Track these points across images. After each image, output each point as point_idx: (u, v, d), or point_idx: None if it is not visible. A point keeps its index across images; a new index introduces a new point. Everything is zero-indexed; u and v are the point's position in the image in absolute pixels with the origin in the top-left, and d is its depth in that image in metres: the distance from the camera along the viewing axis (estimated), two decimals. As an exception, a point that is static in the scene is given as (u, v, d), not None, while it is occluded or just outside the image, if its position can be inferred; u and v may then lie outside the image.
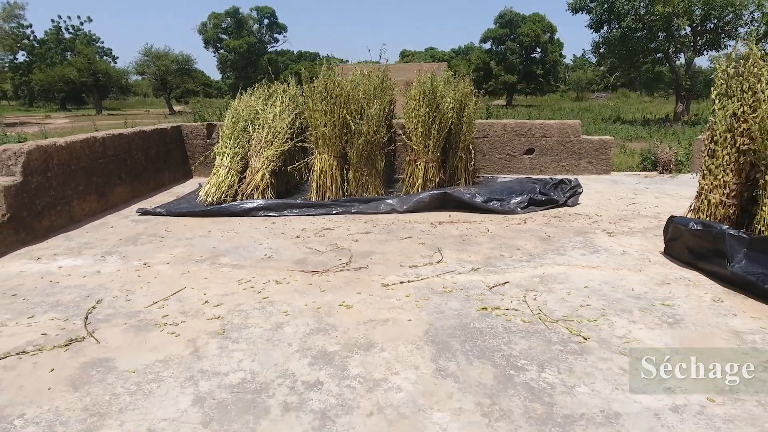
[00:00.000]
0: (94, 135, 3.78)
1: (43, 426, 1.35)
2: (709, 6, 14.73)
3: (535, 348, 1.75)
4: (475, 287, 2.31)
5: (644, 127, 14.29)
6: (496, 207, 3.82)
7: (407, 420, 1.37)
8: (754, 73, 2.39)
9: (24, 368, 1.65)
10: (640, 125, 15.02)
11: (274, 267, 2.62)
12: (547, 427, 1.34)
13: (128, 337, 1.86)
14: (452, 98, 4.45)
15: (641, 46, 16.08)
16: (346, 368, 1.64)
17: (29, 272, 2.56)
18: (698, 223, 2.40)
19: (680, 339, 1.82)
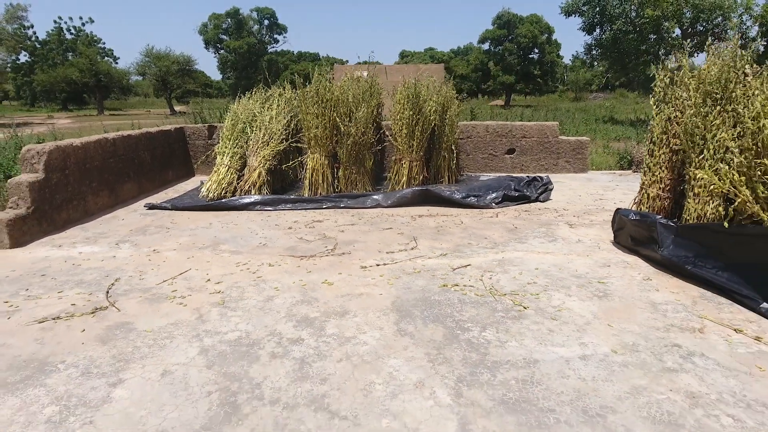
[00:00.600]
0: (106, 136, 4.14)
1: (81, 368, 1.72)
2: (697, 9, 15.08)
3: (482, 315, 2.12)
4: (441, 269, 2.67)
5: (634, 128, 14.64)
6: (472, 202, 4.19)
7: (368, 365, 1.73)
8: (684, 82, 2.75)
9: (60, 329, 2.01)
10: (630, 125, 15.36)
11: (268, 253, 2.98)
12: (477, 369, 1.70)
13: (144, 306, 2.22)
14: (435, 102, 4.81)
15: (632, 49, 16.43)
16: (324, 329, 2.00)
17: (53, 257, 2.92)
18: (637, 213, 2.76)
19: (605, 309, 2.18)
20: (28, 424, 1.43)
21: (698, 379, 1.63)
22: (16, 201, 3.19)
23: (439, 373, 1.67)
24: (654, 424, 1.41)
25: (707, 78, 2.55)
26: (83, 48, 35.78)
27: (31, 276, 2.61)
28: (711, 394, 1.55)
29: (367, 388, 1.58)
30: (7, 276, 2.61)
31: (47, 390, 1.59)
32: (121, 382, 1.63)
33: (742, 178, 2.13)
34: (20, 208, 3.17)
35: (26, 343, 1.90)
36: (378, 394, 1.55)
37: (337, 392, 1.56)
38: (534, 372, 1.68)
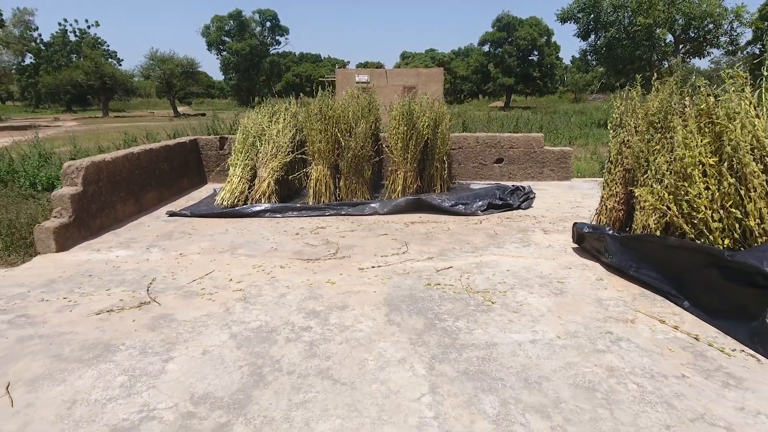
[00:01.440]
0: (132, 150, 4.62)
1: (139, 349, 2.19)
2: (688, 17, 15.52)
3: (457, 308, 2.59)
4: (427, 270, 3.14)
5: (627, 132, 15.05)
6: (460, 210, 4.66)
7: (363, 346, 2.20)
8: (635, 111, 3.21)
9: (114, 319, 2.49)
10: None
11: (279, 256, 3.45)
12: (448, 350, 2.17)
13: (179, 301, 2.70)
14: (428, 117, 5.27)
15: (626, 54, 16.88)
16: (328, 319, 2.47)
17: (95, 260, 3.40)
18: (589, 227, 3.23)
19: (559, 304, 2.65)
20: (107, 387, 1.90)
21: (619, 358, 2.10)
22: (60, 211, 3.67)
23: (418, 352, 2.14)
24: (576, 389, 1.88)
25: (650, 109, 3.01)
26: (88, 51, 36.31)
27: (80, 276, 3.09)
28: (626, 368, 2.02)
29: (361, 363, 2.06)
30: (60, 276, 3.09)
31: (115, 364, 2.07)
32: (171, 359, 2.10)
33: (670, 196, 2.59)
34: (63, 216, 3.65)
35: (90, 331, 2.37)
36: (370, 367, 2.02)
37: (338, 366, 2.04)
38: (492, 352, 2.15)
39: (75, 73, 33.39)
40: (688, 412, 1.74)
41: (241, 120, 5.69)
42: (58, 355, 2.15)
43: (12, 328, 2.40)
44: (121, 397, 1.84)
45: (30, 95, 48.47)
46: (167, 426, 1.67)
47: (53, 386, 1.92)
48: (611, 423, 1.68)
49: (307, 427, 1.66)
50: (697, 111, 2.61)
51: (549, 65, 42.61)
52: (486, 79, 47.39)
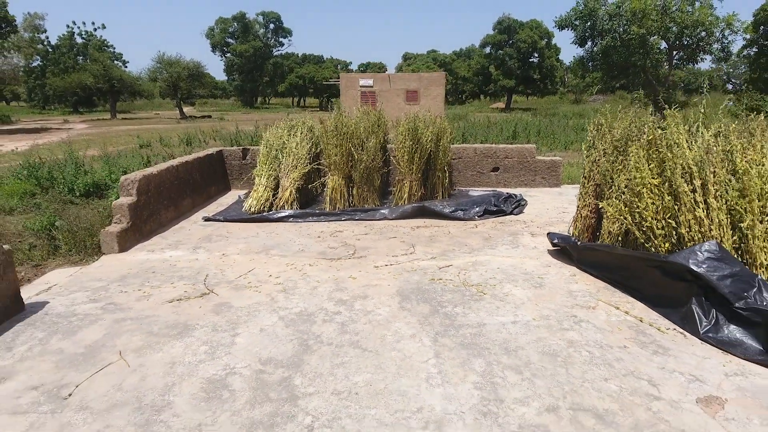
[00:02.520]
0: (172, 163, 5.29)
1: (210, 328, 2.85)
2: (681, 26, 16.13)
3: (455, 298, 3.24)
4: (431, 268, 3.80)
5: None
6: (459, 215, 5.31)
7: (382, 326, 2.86)
8: (603, 133, 3.86)
9: (184, 306, 3.15)
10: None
11: (307, 256, 4.11)
12: (448, 328, 2.82)
13: (232, 293, 3.36)
14: (431, 132, 5.92)
15: (621, 61, 17.51)
16: (353, 306, 3.12)
17: (153, 259, 4.06)
18: (558, 236, 3.89)
19: (537, 294, 3.30)
20: (194, 354, 2.56)
21: (578, 334, 2.75)
22: (119, 217, 4.33)
23: (425, 330, 2.80)
24: (543, 355, 2.53)
25: (614, 135, 3.66)
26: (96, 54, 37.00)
27: (145, 273, 3.75)
28: (582, 341, 2.67)
29: (382, 338, 2.71)
30: (128, 273, 3.75)
31: (196, 338, 2.72)
32: (237, 335, 2.76)
33: (626, 208, 3.24)
34: (122, 222, 4.31)
35: (168, 314, 3.03)
36: (389, 340, 2.68)
37: (365, 339, 2.69)
38: (481, 330, 2.80)
39: (84, 77, 34.06)
40: (622, 370, 2.39)
41: (262, 134, 6.35)
42: (150, 331, 2.81)
43: (106, 312, 3.06)
44: (208, 360, 2.50)
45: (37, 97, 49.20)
46: (246, 378, 2.33)
47: (154, 353, 2.57)
48: (565, 377, 2.33)
49: (346, 379, 2.32)
50: (646, 141, 3.25)
51: (549, 67, 43.15)
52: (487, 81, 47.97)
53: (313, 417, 2.05)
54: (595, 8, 16.77)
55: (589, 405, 2.12)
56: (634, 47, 16.32)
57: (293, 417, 2.05)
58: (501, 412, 2.07)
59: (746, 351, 2.50)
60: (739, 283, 2.63)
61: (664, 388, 2.24)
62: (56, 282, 3.60)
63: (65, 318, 2.98)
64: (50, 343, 2.69)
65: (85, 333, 2.79)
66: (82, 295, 3.33)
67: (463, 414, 2.06)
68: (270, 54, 58.45)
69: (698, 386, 2.25)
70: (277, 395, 2.20)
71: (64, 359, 2.52)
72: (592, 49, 18.04)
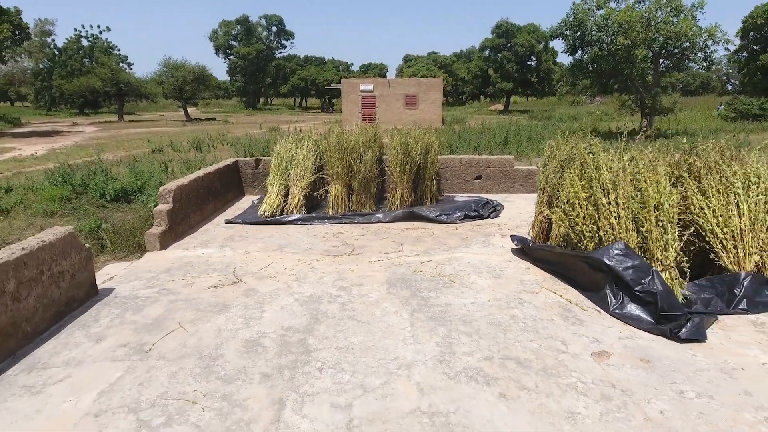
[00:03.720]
0: (198, 174, 6.20)
1: (243, 307, 3.76)
2: (665, 36, 17.00)
3: (431, 285, 4.15)
4: (414, 262, 4.71)
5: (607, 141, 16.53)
6: (443, 219, 6.21)
7: (373, 305, 3.77)
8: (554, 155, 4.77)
9: (220, 291, 4.06)
10: (604, 138, 17.26)
11: (314, 253, 5.02)
12: (423, 307, 3.73)
13: (256, 282, 4.27)
14: (420, 146, 6.83)
15: (609, 70, 18.38)
16: (351, 291, 4.04)
17: (188, 255, 4.97)
18: (518, 238, 4.79)
19: (495, 283, 4.21)
20: (234, 324, 3.47)
21: (520, 311, 3.66)
22: (159, 221, 5.25)
23: (405, 308, 3.71)
24: (489, 325, 3.44)
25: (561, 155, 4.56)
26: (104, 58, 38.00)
27: (184, 267, 4.67)
28: (521, 316, 3.58)
29: (372, 313, 3.62)
30: (171, 266, 4.67)
31: (233, 314, 3.64)
32: (264, 311, 3.68)
33: (566, 216, 4.14)
34: (162, 225, 5.23)
35: (209, 297, 3.95)
36: (377, 315, 3.59)
37: (359, 314, 3.60)
38: (447, 308, 3.71)
39: (92, 80, 35.05)
40: (545, 335, 3.30)
41: (273, 147, 7.27)
42: (198, 309, 3.72)
43: (161, 295, 3.98)
44: (244, 328, 3.41)
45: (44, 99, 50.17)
46: (274, 339, 3.24)
47: (204, 323, 3.49)
48: (502, 339, 3.24)
49: (345, 340, 3.23)
50: (579, 164, 4.15)
51: (546, 70, 44.02)
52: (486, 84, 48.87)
53: (322, 363, 2.96)
54: (584, 20, 17.64)
55: (514, 356, 3.03)
56: (620, 57, 17.20)
57: (308, 362, 2.96)
58: (452, 360, 2.98)
59: (640, 323, 3.41)
60: (638, 273, 3.54)
61: (571, 346, 3.15)
62: (115, 273, 4.52)
63: (131, 299, 3.90)
64: (125, 316, 3.61)
65: (149, 310, 3.71)
66: (139, 283, 4.26)
67: (426, 361, 2.97)
68: (272, 56, 59.38)
69: (596, 345, 3.16)
70: (296, 350, 3.11)
71: (138, 327, 3.44)
72: (582, 57, 18.91)
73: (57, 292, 3.48)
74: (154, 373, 2.86)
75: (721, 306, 3.61)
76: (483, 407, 2.53)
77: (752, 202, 3.80)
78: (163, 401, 2.59)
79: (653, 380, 2.76)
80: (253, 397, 2.62)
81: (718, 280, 3.78)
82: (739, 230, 3.78)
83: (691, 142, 4.84)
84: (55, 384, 2.77)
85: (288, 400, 2.59)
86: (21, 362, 2.99)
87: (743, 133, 20.23)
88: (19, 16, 24.68)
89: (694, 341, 3.18)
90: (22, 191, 8.80)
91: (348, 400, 2.59)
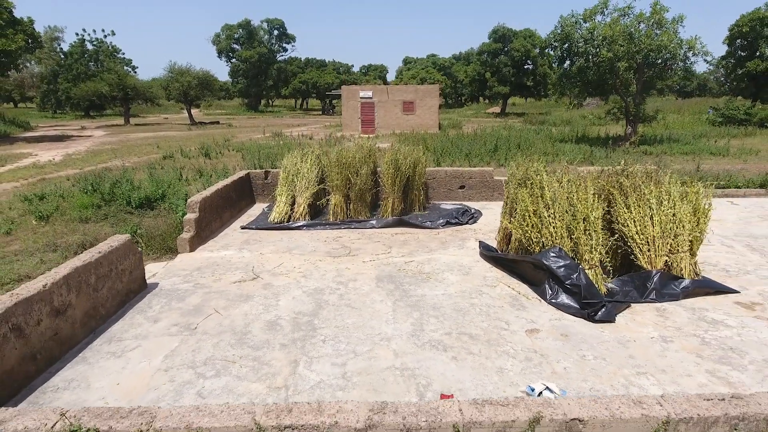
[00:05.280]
0: (218, 186, 7.24)
1: (263, 297, 4.80)
2: (647, 50, 17.99)
3: (411, 280, 5.18)
4: (400, 263, 5.74)
5: (592, 147, 17.53)
6: (428, 225, 7.25)
7: (364, 295, 4.81)
8: (514, 176, 5.80)
9: (244, 285, 5.10)
10: (589, 144, 18.27)
11: (317, 254, 6.06)
12: (403, 297, 4.76)
13: (272, 278, 5.31)
14: (409, 162, 7.86)
15: (595, 80, 19.39)
16: (347, 285, 5.07)
17: (214, 257, 6.01)
18: (483, 244, 5.83)
19: (463, 278, 5.24)
20: (256, 309, 4.51)
21: (478, 300, 4.69)
22: (188, 228, 6.28)
23: (389, 298, 4.74)
24: (453, 310, 4.47)
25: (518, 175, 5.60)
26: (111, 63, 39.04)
27: (212, 266, 5.70)
28: (479, 303, 4.61)
29: (363, 301, 4.66)
30: (200, 265, 5.71)
31: (255, 302, 4.68)
32: (279, 300, 4.71)
33: (519, 225, 5.17)
34: (190, 231, 6.27)
35: (235, 290, 4.99)
36: (367, 303, 4.62)
37: (354, 302, 4.64)
38: (423, 298, 4.75)
39: (100, 85, 36.09)
40: (495, 317, 4.33)
41: (281, 162, 8.30)
42: (227, 298, 4.76)
43: (197, 288, 5.02)
44: (265, 312, 4.45)
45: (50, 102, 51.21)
46: (288, 321, 4.28)
47: (233, 309, 4.53)
48: (461, 320, 4.27)
49: (342, 321, 4.26)
50: (530, 183, 5.19)
51: (542, 75, 44.98)
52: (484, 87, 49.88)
53: (324, 336, 4.00)
54: (571, 32, 18.65)
55: (468, 332, 4.06)
56: (604, 69, 18.21)
57: (314, 336, 4.00)
58: (421, 335, 4.02)
59: (569, 309, 4.44)
60: (568, 270, 4.58)
61: (512, 325, 4.18)
62: (156, 271, 5.56)
63: (173, 291, 4.95)
64: (171, 304, 4.65)
65: (189, 299, 4.75)
66: (177, 279, 5.30)
67: (402, 335, 4.00)
68: (274, 59, 60.36)
69: (531, 324, 4.20)
70: (305, 328, 4.15)
71: (183, 312, 4.48)
72: (570, 68, 19.92)
73: (120, 284, 4.52)
74: (201, 344, 3.90)
75: (635, 296, 4.65)
76: (439, 365, 3.56)
77: (663, 215, 4.84)
78: (211, 361, 3.63)
79: (566, 348, 3.80)
80: (276, 359, 3.66)
81: (635, 276, 4.82)
82: (652, 237, 4.82)
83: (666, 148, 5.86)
84: (131, 351, 3.81)
85: (301, 361, 3.63)
86: (101, 337, 4.04)
87: (726, 138, 21.31)
88: (32, 25, 25.71)
89: (606, 322, 4.21)
90: (55, 199, 9.84)
91: (343, 360, 3.63)
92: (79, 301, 3.88)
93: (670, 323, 4.20)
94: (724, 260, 5.76)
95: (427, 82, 53.31)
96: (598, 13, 19.03)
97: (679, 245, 4.80)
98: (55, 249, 6.59)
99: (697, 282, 4.73)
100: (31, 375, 3.37)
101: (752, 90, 30.56)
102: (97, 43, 47.81)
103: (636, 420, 1.98)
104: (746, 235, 6.84)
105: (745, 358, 3.63)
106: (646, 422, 1.98)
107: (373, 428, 1.95)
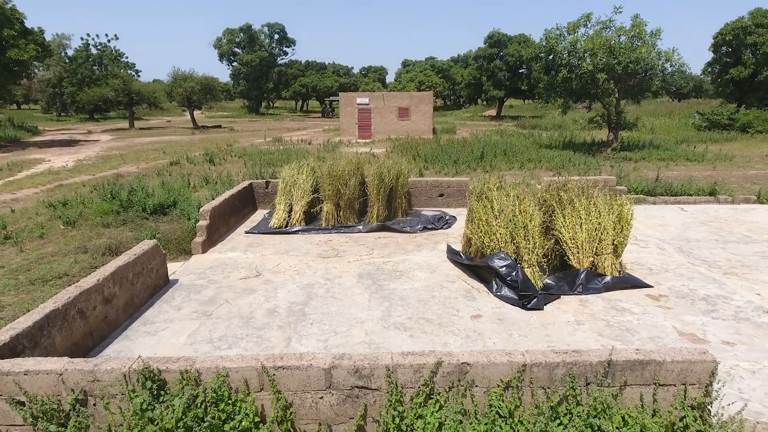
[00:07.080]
0: (224, 196, 8.35)
1: (264, 290, 5.91)
2: (626, 61, 19.05)
3: (387, 277, 6.28)
4: (379, 263, 6.84)
5: (575, 153, 18.59)
6: (407, 230, 8.35)
7: (348, 289, 5.91)
8: (473, 189, 6.90)
9: (248, 281, 6.21)
10: (573, 150, 19.32)
11: (310, 255, 7.17)
12: (378, 290, 5.86)
13: (272, 275, 6.41)
14: (392, 174, 8.95)
15: (578, 89, 20.48)
16: (334, 281, 6.18)
17: (223, 258, 7.12)
18: (449, 248, 6.93)
19: (430, 275, 6.34)
20: (259, 300, 5.62)
21: (439, 293, 5.79)
22: (200, 233, 7.39)
23: (367, 291, 5.85)
24: (416, 301, 5.57)
25: (476, 189, 6.70)
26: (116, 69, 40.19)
27: (221, 265, 6.81)
28: (439, 296, 5.71)
29: (345, 294, 5.76)
30: (212, 265, 6.82)
31: (258, 294, 5.78)
32: (277, 293, 5.82)
33: (475, 231, 6.26)
34: (203, 236, 7.38)
35: (241, 284, 6.10)
36: (349, 295, 5.73)
37: (337, 295, 5.74)
38: (393, 291, 5.85)
39: (105, 90, 37.24)
40: (449, 306, 5.43)
41: (280, 174, 9.41)
42: (235, 291, 5.87)
43: (210, 284, 6.13)
44: (266, 302, 5.56)
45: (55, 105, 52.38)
46: (284, 309, 5.38)
47: (241, 300, 5.63)
48: (422, 308, 5.37)
49: (328, 309, 5.36)
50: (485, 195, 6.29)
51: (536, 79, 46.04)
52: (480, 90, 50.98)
53: (312, 320, 5.10)
54: (555, 45, 19.74)
55: (426, 317, 5.16)
56: (586, 79, 19.30)
57: (304, 320, 5.10)
58: (388, 319, 5.12)
59: (509, 300, 5.54)
60: (509, 268, 5.68)
61: (461, 312, 5.29)
62: (175, 270, 6.67)
63: (191, 286, 6.06)
64: (190, 297, 5.76)
65: (204, 292, 5.86)
66: (193, 276, 6.41)
67: (373, 319, 5.11)
68: (274, 62, 61.48)
69: (477, 311, 5.30)
70: (298, 314, 5.25)
71: (201, 302, 5.59)
72: (555, 78, 21.00)
73: (150, 280, 5.63)
74: (216, 326, 5.01)
75: (566, 290, 5.75)
76: (399, 341, 4.67)
77: (589, 223, 5.94)
78: (225, 338, 4.74)
79: (499, 329, 4.90)
80: (274, 336, 4.77)
81: (567, 273, 5.92)
82: (581, 241, 5.92)
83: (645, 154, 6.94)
84: (162, 331, 4.92)
85: (293, 338, 4.74)
86: (137, 320, 5.15)
87: (705, 144, 22.40)
88: (42, 35, 26.84)
89: (536, 309, 5.32)
90: (77, 205, 10.95)
91: (326, 337, 4.74)
92: (121, 292, 4.99)
93: (587, 311, 5.30)
94: (652, 260, 6.86)
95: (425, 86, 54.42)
96: (581, 26, 20.11)
97: (604, 248, 5.90)
98: (85, 251, 7.69)
99: (617, 278, 5.83)
100: (90, 348, 4.48)
101: (737, 95, 31.62)
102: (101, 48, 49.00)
103: (504, 364, 3.07)
104: (681, 238, 7.93)
105: (635, 336, 4.73)
106: (510, 366, 3.06)
107: (335, 368, 3.04)
